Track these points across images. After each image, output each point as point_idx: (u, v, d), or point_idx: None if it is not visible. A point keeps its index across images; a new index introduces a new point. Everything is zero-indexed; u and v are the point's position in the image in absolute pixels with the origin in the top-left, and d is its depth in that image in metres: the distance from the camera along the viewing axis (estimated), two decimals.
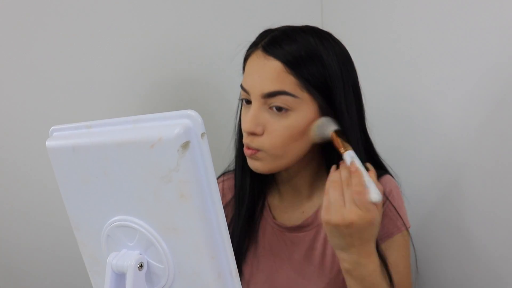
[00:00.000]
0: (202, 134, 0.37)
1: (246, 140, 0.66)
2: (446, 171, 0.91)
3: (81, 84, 0.93)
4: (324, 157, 0.73)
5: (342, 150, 0.61)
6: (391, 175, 0.77)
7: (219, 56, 1.09)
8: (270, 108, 0.65)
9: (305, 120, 0.65)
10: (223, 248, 0.39)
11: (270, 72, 0.64)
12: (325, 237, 0.74)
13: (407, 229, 0.71)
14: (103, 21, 0.94)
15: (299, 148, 0.67)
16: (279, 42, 0.65)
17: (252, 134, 0.65)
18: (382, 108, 1.05)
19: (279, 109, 0.64)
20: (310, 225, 0.75)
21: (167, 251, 0.41)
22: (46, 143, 0.47)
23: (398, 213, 0.71)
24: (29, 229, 0.91)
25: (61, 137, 0.47)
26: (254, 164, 0.68)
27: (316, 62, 0.64)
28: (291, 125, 0.64)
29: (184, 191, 0.37)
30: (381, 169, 0.76)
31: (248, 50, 0.71)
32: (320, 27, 0.71)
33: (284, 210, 0.79)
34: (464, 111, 0.85)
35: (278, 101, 0.64)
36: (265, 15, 1.14)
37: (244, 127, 0.65)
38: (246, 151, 0.67)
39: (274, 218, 0.78)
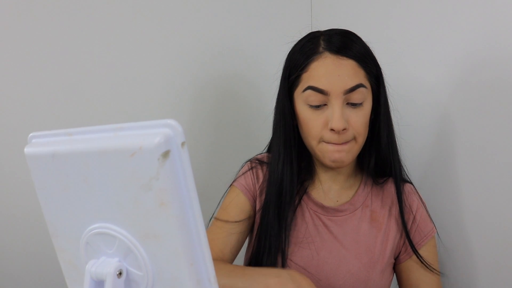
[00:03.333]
0: (182, 143, 0.38)
1: (339, 138, 0.73)
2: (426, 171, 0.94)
3: (67, 89, 0.92)
4: (360, 154, 0.81)
5: None
6: (410, 182, 0.86)
7: (214, 57, 1.10)
8: (347, 104, 0.74)
9: (370, 108, 0.76)
10: (202, 255, 0.40)
11: (348, 70, 0.73)
12: (359, 219, 0.81)
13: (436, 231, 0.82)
14: (97, 22, 0.94)
15: (366, 135, 0.77)
16: (347, 44, 0.75)
17: (344, 130, 0.73)
18: None
19: (354, 104, 0.74)
20: (345, 210, 0.82)
21: (146, 258, 0.41)
22: (25, 150, 0.47)
23: (430, 217, 0.82)
24: (7, 235, 0.90)
25: (40, 144, 0.47)
26: (342, 157, 0.75)
27: (372, 58, 0.77)
28: (365, 114, 0.75)
29: (164, 199, 0.38)
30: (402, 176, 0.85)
31: (305, 59, 0.76)
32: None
33: (321, 197, 0.84)
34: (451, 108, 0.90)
35: (356, 94, 0.73)
36: (258, 17, 1.17)
37: (336, 126, 0.72)
38: (339, 147, 0.74)
39: (312, 199, 0.83)
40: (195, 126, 1.10)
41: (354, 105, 0.74)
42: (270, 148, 0.89)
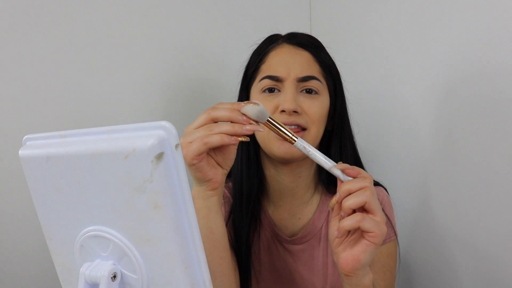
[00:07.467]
0: (176, 146, 0.38)
1: (289, 119, 0.69)
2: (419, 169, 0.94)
3: (61, 91, 0.92)
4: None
5: (293, 138, 0.58)
6: (381, 185, 0.80)
7: (209, 58, 1.10)
8: (301, 91, 0.72)
9: (327, 104, 0.74)
10: (197, 259, 0.40)
11: (303, 60, 0.73)
12: (324, 246, 0.76)
13: (396, 238, 0.75)
14: (88, 26, 0.94)
15: (322, 132, 0.74)
16: (304, 38, 0.76)
17: (295, 112, 0.70)
18: (365, 106, 1.08)
19: (310, 91, 0.72)
20: (309, 234, 0.77)
21: (140, 261, 0.41)
22: (19, 152, 0.46)
23: (390, 222, 0.75)
24: (2, 236, 0.89)
25: (34, 146, 0.46)
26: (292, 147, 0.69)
27: (327, 56, 0.77)
28: (321, 106, 0.73)
29: (158, 202, 0.38)
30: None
31: (265, 47, 0.77)
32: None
33: (281, 217, 0.79)
34: (443, 114, 0.88)
35: (310, 84, 0.72)
36: (256, 20, 1.17)
37: (286, 106, 0.69)
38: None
39: (275, 225, 0.78)
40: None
41: (309, 92, 0.72)
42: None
